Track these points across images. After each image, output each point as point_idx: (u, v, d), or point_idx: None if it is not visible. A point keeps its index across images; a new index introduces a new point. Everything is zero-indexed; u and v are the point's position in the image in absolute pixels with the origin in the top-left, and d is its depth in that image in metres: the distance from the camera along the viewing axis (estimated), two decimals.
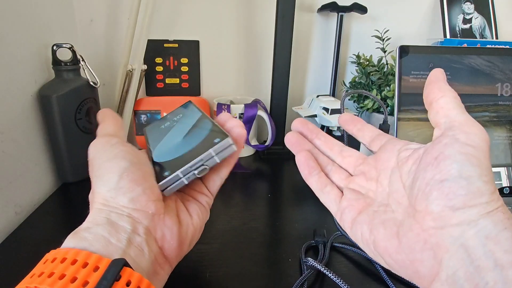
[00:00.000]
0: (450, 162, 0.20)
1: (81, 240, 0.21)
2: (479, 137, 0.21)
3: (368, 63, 0.69)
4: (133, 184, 0.24)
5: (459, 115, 0.22)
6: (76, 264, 0.19)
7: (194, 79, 0.72)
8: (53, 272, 0.19)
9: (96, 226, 0.22)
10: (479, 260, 0.18)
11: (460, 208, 0.19)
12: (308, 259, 0.34)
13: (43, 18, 0.53)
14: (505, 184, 0.47)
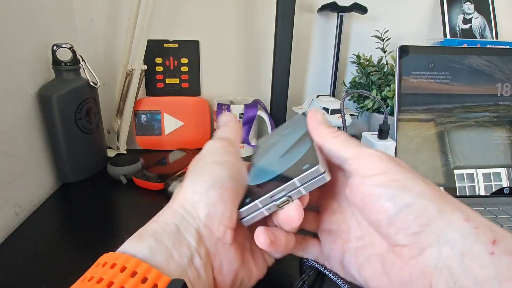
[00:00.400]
0: (377, 198, 0.21)
1: (145, 247, 0.20)
2: (378, 160, 0.22)
3: (368, 63, 0.69)
4: (219, 200, 0.22)
5: (346, 151, 0.23)
6: (135, 278, 0.18)
7: (194, 79, 0.72)
8: (112, 282, 0.18)
9: (163, 233, 0.21)
10: (460, 279, 0.18)
11: (421, 231, 0.20)
12: (309, 259, 0.34)
13: (43, 18, 0.53)
14: (505, 184, 0.47)
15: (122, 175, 0.54)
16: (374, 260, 0.23)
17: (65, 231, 0.43)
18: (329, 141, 0.25)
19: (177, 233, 0.21)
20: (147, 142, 0.71)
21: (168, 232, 0.21)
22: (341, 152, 0.24)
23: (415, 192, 0.20)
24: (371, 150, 0.23)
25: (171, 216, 0.22)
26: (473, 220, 0.19)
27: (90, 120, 0.55)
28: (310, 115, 0.27)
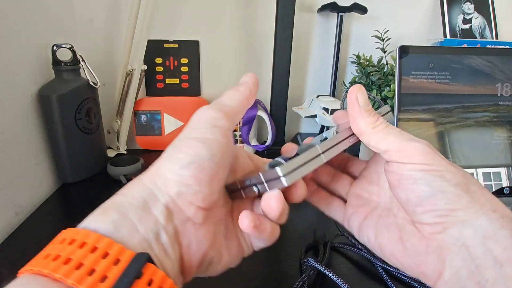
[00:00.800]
0: (414, 180, 0.22)
1: (107, 221, 0.19)
2: (422, 153, 0.22)
3: (368, 63, 0.69)
4: (193, 180, 0.20)
5: (389, 144, 0.23)
6: (95, 253, 0.17)
7: (194, 79, 0.72)
8: (70, 259, 0.17)
9: (129, 207, 0.19)
10: (479, 259, 0.19)
11: (448, 214, 0.21)
12: (309, 259, 0.34)
13: (43, 18, 0.53)
14: (505, 184, 0.47)
15: (122, 175, 0.54)
16: (393, 228, 0.24)
17: None
18: (367, 135, 0.24)
19: (144, 207, 0.20)
20: (147, 142, 0.71)
21: (135, 206, 0.19)
22: (381, 146, 0.23)
23: (452, 182, 0.21)
24: (414, 143, 0.22)
25: (140, 190, 0.20)
26: (501, 212, 0.20)
27: (90, 120, 0.55)
28: (349, 99, 0.25)
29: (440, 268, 0.21)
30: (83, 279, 0.16)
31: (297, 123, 0.80)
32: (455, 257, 0.20)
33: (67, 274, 0.16)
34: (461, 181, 0.21)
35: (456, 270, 0.20)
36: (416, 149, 0.22)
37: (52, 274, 0.16)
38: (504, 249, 0.19)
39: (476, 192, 0.21)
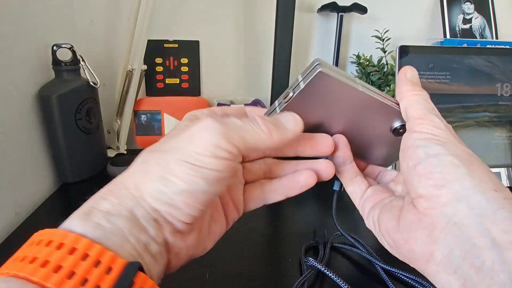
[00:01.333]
0: (414, 148, 0.22)
1: (96, 227, 0.17)
2: (433, 125, 0.22)
3: (368, 63, 0.69)
4: (185, 206, 0.19)
5: (414, 111, 0.23)
6: (87, 261, 0.16)
7: (194, 79, 0.72)
8: (61, 266, 0.15)
9: (118, 216, 0.18)
10: (474, 238, 0.18)
11: (443, 184, 0.20)
12: (309, 258, 0.34)
13: (43, 18, 0.53)
14: (505, 184, 0.47)
15: None
16: (396, 209, 0.24)
17: None
18: (406, 98, 0.24)
19: (133, 218, 0.19)
20: (147, 142, 0.71)
21: (124, 216, 0.18)
22: (409, 110, 0.24)
23: (452, 152, 0.20)
24: (437, 119, 0.22)
25: (125, 200, 0.19)
26: (503, 192, 0.19)
27: (90, 120, 0.55)
28: (402, 70, 0.26)
29: (430, 247, 0.20)
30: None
31: None
32: (448, 235, 0.19)
33: (59, 285, 0.15)
34: (464, 154, 0.20)
35: (449, 250, 0.19)
36: (433, 121, 0.22)
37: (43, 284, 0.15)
38: (504, 231, 0.17)
39: (480, 170, 0.20)
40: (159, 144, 0.21)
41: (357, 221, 0.46)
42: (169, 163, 0.19)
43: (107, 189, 0.20)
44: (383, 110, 0.25)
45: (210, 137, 0.19)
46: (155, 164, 0.20)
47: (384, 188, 0.28)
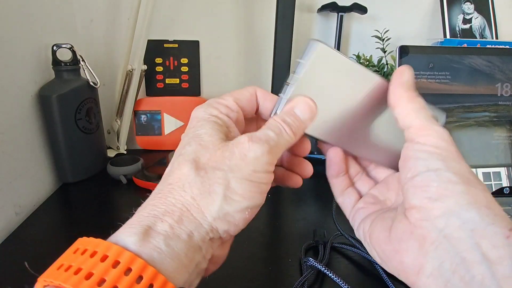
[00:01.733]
0: (414, 160, 0.21)
1: (153, 249, 0.17)
2: (437, 137, 0.21)
3: (368, 63, 0.69)
4: (243, 222, 0.21)
5: (415, 120, 0.23)
6: (141, 284, 0.16)
7: (194, 79, 0.72)
8: (116, 286, 0.16)
9: (177, 240, 0.18)
10: (464, 251, 0.18)
11: (437, 198, 0.20)
12: (309, 258, 0.34)
13: (43, 18, 0.53)
14: (505, 184, 0.47)
15: (122, 175, 0.54)
16: (388, 220, 0.23)
17: (65, 231, 0.43)
18: (402, 104, 0.23)
19: (191, 241, 0.19)
20: (147, 142, 0.71)
21: (183, 240, 0.19)
22: (408, 119, 0.23)
23: (452, 170, 0.20)
24: (438, 128, 0.22)
25: (188, 223, 0.19)
26: (495, 209, 0.19)
27: (90, 120, 0.55)
28: (398, 71, 0.24)
29: (420, 260, 0.20)
30: None
31: None
32: (438, 248, 0.19)
33: None
34: (463, 173, 0.20)
35: (440, 263, 0.19)
36: (436, 131, 0.22)
37: None
38: (494, 246, 0.18)
39: (476, 188, 0.20)
40: (203, 159, 0.21)
41: None
42: (230, 182, 0.20)
43: (165, 209, 0.20)
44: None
45: (262, 156, 0.20)
46: (216, 184, 0.20)
47: (375, 199, 0.27)
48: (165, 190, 0.21)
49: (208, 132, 0.22)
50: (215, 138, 0.21)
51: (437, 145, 0.21)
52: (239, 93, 0.25)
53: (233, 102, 0.24)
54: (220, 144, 0.21)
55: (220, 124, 0.23)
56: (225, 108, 0.24)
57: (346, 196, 0.28)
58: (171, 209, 0.19)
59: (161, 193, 0.21)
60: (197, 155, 0.21)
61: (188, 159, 0.21)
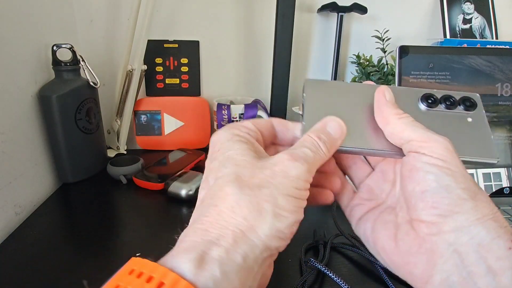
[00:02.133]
0: (424, 173, 0.22)
1: (209, 277, 0.17)
2: (442, 148, 0.22)
3: (368, 63, 0.69)
4: (290, 236, 0.21)
5: (413, 133, 0.23)
6: None
7: (194, 79, 0.72)
8: None
9: (232, 265, 0.18)
10: (471, 265, 0.19)
11: (448, 215, 0.21)
12: (309, 259, 0.34)
13: (43, 18, 0.53)
14: (505, 184, 0.47)
15: (122, 175, 0.54)
16: (390, 226, 0.24)
17: (65, 231, 0.43)
18: (393, 122, 0.24)
19: (245, 265, 0.19)
20: (147, 142, 0.71)
21: (238, 264, 0.18)
22: (406, 133, 0.23)
23: (461, 185, 0.21)
24: (438, 137, 0.22)
25: (243, 244, 0.19)
26: (500, 222, 0.20)
27: (90, 120, 0.55)
28: (379, 92, 0.25)
29: (429, 271, 0.21)
30: None
31: None
32: (447, 261, 0.20)
33: None
34: (470, 187, 0.21)
35: (447, 275, 0.20)
36: (439, 142, 0.22)
37: None
38: (498, 258, 0.19)
39: (482, 201, 0.21)
40: (244, 178, 0.21)
41: None
42: (277, 200, 0.20)
43: (218, 233, 0.19)
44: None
45: (302, 174, 0.21)
46: (265, 202, 0.20)
47: (370, 193, 0.28)
48: (213, 213, 0.20)
49: (238, 152, 0.22)
50: (248, 157, 0.22)
51: (444, 158, 0.21)
52: (255, 119, 0.26)
53: (251, 124, 0.25)
54: (258, 163, 0.21)
55: (245, 142, 0.23)
56: (244, 128, 0.24)
57: (342, 193, 0.28)
58: (225, 233, 0.19)
59: (209, 216, 0.20)
60: (237, 174, 0.21)
61: (229, 179, 0.21)
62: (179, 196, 0.49)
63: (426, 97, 0.27)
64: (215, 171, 0.22)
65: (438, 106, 0.27)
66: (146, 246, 0.39)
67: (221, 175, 0.21)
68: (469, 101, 0.28)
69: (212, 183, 0.22)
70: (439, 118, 0.27)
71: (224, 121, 0.65)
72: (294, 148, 0.23)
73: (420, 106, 0.27)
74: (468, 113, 0.27)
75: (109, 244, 0.39)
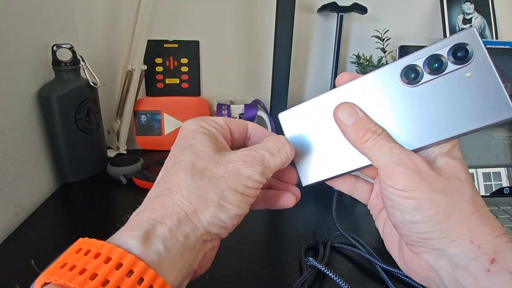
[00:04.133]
0: (391, 208, 0.23)
1: (154, 253, 0.19)
2: (405, 177, 0.22)
3: (368, 63, 0.69)
4: (232, 227, 0.23)
5: (378, 161, 0.23)
6: (142, 285, 0.17)
7: (194, 79, 0.72)
8: (119, 287, 0.17)
9: (174, 243, 0.20)
10: (450, 285, 0.21)
11: (421, 241, 0.22)
12: (309, 258, 0.34)
13: (43, 18, 0.53)
14: (505, 184, 0.47)
15: (122, 175, 0.54)
16: (395, 234, 0.26)
17: (65, 231, 0.43)
18: (358, 147, 0.24)
19: (187, 243, 0.20)
20: (147, 142, 0.71)
21: (180, 242, 0.20)
22: (373, 160, 0.23)
23: (427, 212, 0.21)
24: (399, 167, 0.22)
25: (185, 225, 0.21)
26: (478, 241, 0.20)
27: (90, 120, 0.55)
28: (335, 117, 0.25)
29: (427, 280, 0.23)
30: None
31: None
32: (434, 280, 0.22)
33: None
34: (439, 210, 0.21)
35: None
36: (400, 173, 0.22)
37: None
38: (475, 279, 0.20)
39: (457, 220, 0.21)
40: (199, 167, 0.22)
41: (357, 221, 0.46)
42: (223, 192, 0.22)
43: (164, 212, 0.21)
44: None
45: (254, 175, 0.23)
46: (212, 192, 0.21)
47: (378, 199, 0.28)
48: (163, 194, 0.21)
49: (199, 142, 0.23)
50: (208, 149, 0.23)
51: (406, 187, 0.22)
52: (229, 118, 0.27)
53: (222, 120, 0.26)
54: (214, 156, 0.23)
55: (209, 135, 0.24)
56: (213, 122, 0.26)
57: (357, 192, 0.29)
58: (170, 213, 0.20)
59: (159, 197, 0.21)
60: (193, 163, 0.22)
61: (184, 166, 0.22)
62: None
63: (405, 72, 0.23)
64: (174, 157, 0.23)
65: (424, 76, 0.22)
66: None
67: (178, 161, 0.23)
68: (461, 49, 0.21)
69: (169, 167, 0.23)
70: (428, 92, 0.22)
71: None
72: (255, 148, 0.24)
73: (402, 85, 0.23)
74: (464, 66, 0.21)
75: None
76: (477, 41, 0.21)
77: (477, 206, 0.21)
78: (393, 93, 0.23)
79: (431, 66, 0.22)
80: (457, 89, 0.21)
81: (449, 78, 0.22)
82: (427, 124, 0.23)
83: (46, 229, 0.43)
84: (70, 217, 0.47)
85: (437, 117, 0.22)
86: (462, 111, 0.21)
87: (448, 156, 0.23)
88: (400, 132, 0.23)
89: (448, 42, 0.21)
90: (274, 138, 0.26)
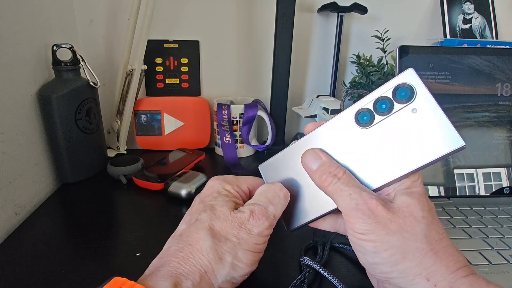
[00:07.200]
0: (357, 251, 0.26)
1: None
2: (363, 222, 0.23)
3: (368, 63, 0.69)
4: (241, 280, 0.28)
5: (340, 206, 0.25)
6: None
7: (194, 79, 0.72)
8: None
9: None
10: None
11: (386, 280, 0.25)
12: (305, 258, 0.34)
13: (43, 18, 0.53)
14: (505, 184, 0.47)
15: (122, 175, 0.54)
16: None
17: (65, 231, 0.43)
18: (324, 190, 0.27)
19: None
20: (147, 142, 0.71)
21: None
22: (336, 203, 0.26)
23: (384, 254, 0.23)
24: (356, 213, 0.24)
25: (205, 283, 0.24)
26: (434, 278, 0.22)
27: (90, 120, 0.55)
28: (303, 164, 0.28)
29: None
30: None
31: (297, 123, 0.80)
32: None
33: None
34: (395, 251, 0.23)
35: None
36: (357, 218, 0.24)
37: None
38: None
39: (412, 260, 0.22)
40: (216, 227, 0.27)
41: None
42: (237, 253, 0.26)
43: (188, 269, 0.24)
44: None
45: (263, 231, 0.27)
46: (227, 253, 0.26)
47: None
48: (186, 250, 0.25)
49: (220, 203, 0.28)
50: (225, 209, 0.27)
51: (364, 231, 0.24)
52: (249, 181, 0.32)
53: (246, 187, 0.31)
54: (230, 215, 0.27)
55: (230, 197, 0.29)
56: (238, 188, 0.30)
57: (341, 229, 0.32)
58: (193, 270, 0.24)
59: (183, 252, 0.25)
60: (211, 222, 0.27)
61: (204, 226, 0.26)
62: (179, 196, 0.49)
63: (359, 116, 0.25)
64: (198, 212, 0.28)
65: (375, 117, 0.24)
66: (146, 246, 0.39)
67: (199, 218, 0.27)
68: (403, 90, 0.23)
69: (192, 222, 0.27)
70: (381, 132, 0.24)
71: (224, 121, 0.65)
72: (258, 202, 0.28)
73: (358, 128, 0.25)
74: (409, 104, 0.23)
75: (109, 244, 0.39)
76: (416, 79, 0.23)
77: (432, 244, 0.22)
78: (352, 136, 0.25)
79: (379, 108, 0.24)
80: (407, 126, 0.23)
81: (398, 117, 0.23)
82: (384, 163, 0.24)
83: (46, 229, 0.43)
84: (70, 217, 0.47)
85: (392, 155, 0.24)
86: (414, 147, 0.23)
87: (406, 194, 0.24)
88: (362, 172, 0.25)
89: (391, 84, 0.24)
90: (270, 186, 0.30)
